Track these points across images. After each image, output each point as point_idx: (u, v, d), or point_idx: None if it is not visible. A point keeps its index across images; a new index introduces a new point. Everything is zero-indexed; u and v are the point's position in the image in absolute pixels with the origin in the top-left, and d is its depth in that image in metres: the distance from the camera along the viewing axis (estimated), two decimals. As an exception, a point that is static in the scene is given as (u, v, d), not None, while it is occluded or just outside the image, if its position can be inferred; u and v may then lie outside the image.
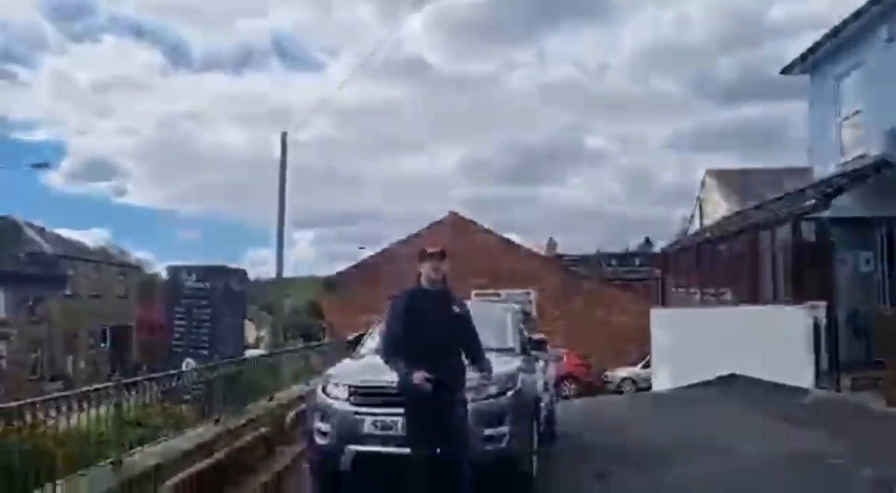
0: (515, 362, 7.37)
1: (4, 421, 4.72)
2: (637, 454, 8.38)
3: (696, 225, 31.18)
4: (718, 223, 20.51)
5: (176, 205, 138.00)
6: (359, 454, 6.48)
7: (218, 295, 8.56)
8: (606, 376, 27.78)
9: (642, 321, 23.75)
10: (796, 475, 7.00)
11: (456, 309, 5.67)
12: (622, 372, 27.58)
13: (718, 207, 28.92)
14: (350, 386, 6.78)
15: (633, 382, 26.23)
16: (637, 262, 62.85)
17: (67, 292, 43.65)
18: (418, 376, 5.29)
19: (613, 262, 65.99)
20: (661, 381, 19.84)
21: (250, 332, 57.98)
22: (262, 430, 8.09)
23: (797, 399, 11.35)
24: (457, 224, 31.53)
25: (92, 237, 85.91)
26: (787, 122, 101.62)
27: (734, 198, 27.79)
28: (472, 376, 6.35)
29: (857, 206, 12.36)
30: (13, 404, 5.31)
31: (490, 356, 7.20)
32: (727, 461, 7.79)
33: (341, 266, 37.72)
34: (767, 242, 13.82)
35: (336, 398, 6.78)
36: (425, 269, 5.65)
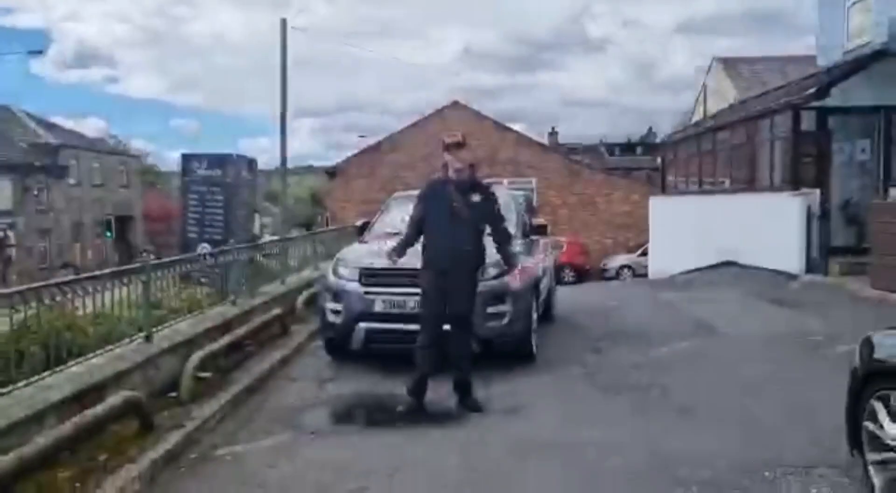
0: (517, 246, 7.74)
1: (37, 300, 5.07)
2: (627, 333, 8.88)
3: (700, 114, 31.01)
4: (720, 112, 20.48)
5: (171, 95, 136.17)
6: (369, 330, 6.95)
7: (230, 183, 8.82)
8: (605, 264, 28.40)
9: (642, 210, 24.14)
10: (776, 351, 7.48)
11: (476, 198, 5.92)
12: (621, 260, 28.18)
13: (724, 96, 28.68)
14: (361, 268, 7.18)
15: (631, 269, 26.84)
16: (640, 151, 62.89)
17: (71, 181, 43.83)
18: (388, 252, 6.02)
19: (616, 151, 65.94)
20: (658, 268, 20.35)
21: (255, 221, 58.82)
22: (276, 311, 8.54)
23: (787, 284, 11.83)
24: (458, 113, 31.34)
25: (89, 127, 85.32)
26: (798, 7, 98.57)
27: (741, 86, 27.51)
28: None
29: (857, 95, 12.42)
30: (46, 283, 5.66)
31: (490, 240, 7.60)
32: (712, 339, 8.30)
33: (343, 156, 37.80)
34: (766, 131, 13.95)
35: (347, 280, 7.20)
36: (447, 159, 5.92)
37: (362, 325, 6.99)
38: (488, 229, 6.10)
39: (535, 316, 7.61)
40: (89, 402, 4.85)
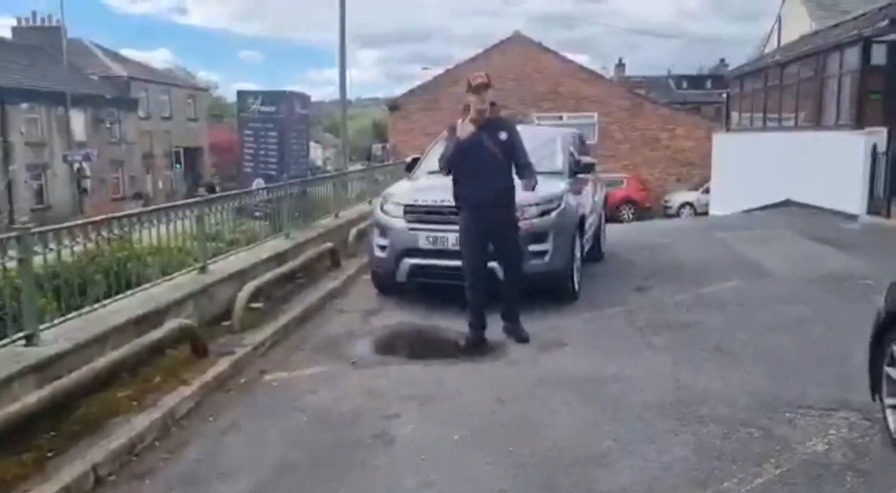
0: (562, 185, 7.78)
1: (97, 233, 5.40)
2: (676, 271, 8.91)
3: (774, 45, 29.73)
4: (789, 45, 19.68)
5: (238, 24, 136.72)
6: (413, 265, 7.17)
7: (283, 119, 9.02)
8: (666, 201, 27.99)
9: (707, 146, 23.62)
10: (822, 293, 7.43)
11: (503, 136, 6.02)
12: (682, 197, 27.73)
13: (799, 26, 27.37)
14: (405, 205, 7.36)
15: (693, 207, 26.43)
16: (709, 84, 60.77)
17: (141, 114, 44.94)
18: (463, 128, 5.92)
19: (685, 84, 63.86)
20: (718, 206, 20.05)
21: (317, 153, 59.43)
22: (328, 244, 8.82)
23: (846, 224, 11.56)
24: (520, 45, 30.80)
25: (157, 59, 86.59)
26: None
27: (817, 14, 26.20)
28: (521, 198, 6.84)
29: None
30: (106, 216, 6.01)
31: (539, 179, 7.69)
32: (760, 279, 8.25)
33: (406, 88, 37.66)
34: (834, 65, 13.41)
35: (393, 216, 7.39)
36: (471, 99, 5.97)
37: (407, 260, 7.20)
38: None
39: (578, 254, 7.69)
40: (147, 328, 5.21)
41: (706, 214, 22.41)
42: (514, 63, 30.35)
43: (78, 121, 39.32)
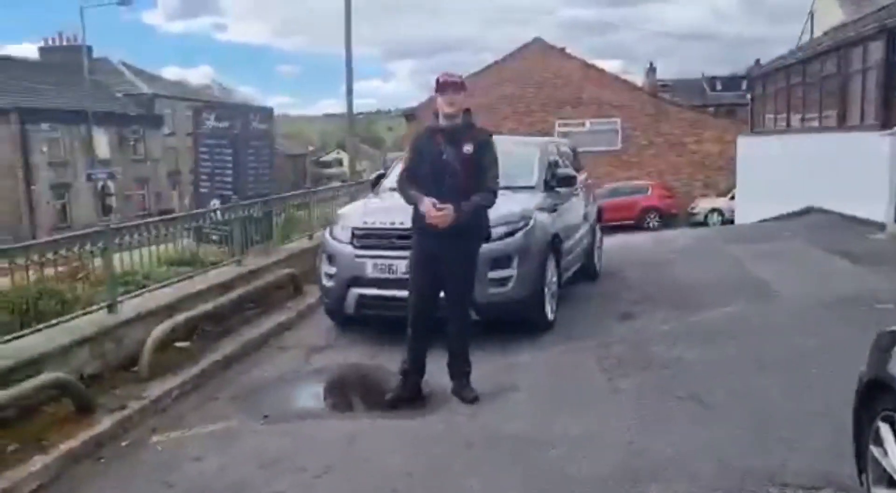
0: (534, 200, 6.95)
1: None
2: (673, 293, 7.99)
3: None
4: (813, 41, 18.54)
5: (275, 40, 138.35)
6: (361, 296, 6.37)
7: (237, 135, 8.32)
8: (693, 208, 26.80)
9: (735, 150, 22.46)
10: (831, 321, 6.44)
11: (468, 149, 5.07)
12: (710, 203, 26.49)
13: (831, 20, 26.05)
14: (353, 228, 6.58)
15: (721, 213, 25.20)
16: (744, 85, 59.03)
17: (166, 130, 44.98)
18: (428, 203, 4.82)
19: (719, 86, 62.05)
20: (744, 213, 18.98)
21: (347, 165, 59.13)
22: (288, 270, 8.08)
23: (870, 234, 10.49)
24: (541, 51, 29.93)
25: (198, 75, 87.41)
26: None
27: (849, 9, 24.88)
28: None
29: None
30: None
31: (506, 194, 6.82)
32: (765, 303, 7.29)
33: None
34: (857, 60, 12.33)
35: (340, 241, 6.61)
36: (439, 102, 5.00)
37: (354, 290, 6.41)
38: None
39: (552, 279, 6.83)
40: (19, 381, 4.50)
41: (734, 221, 21.30)
42: (535, 69, 29.51)
43: (102, 139, 39.40)
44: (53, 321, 5.24)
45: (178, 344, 6.12)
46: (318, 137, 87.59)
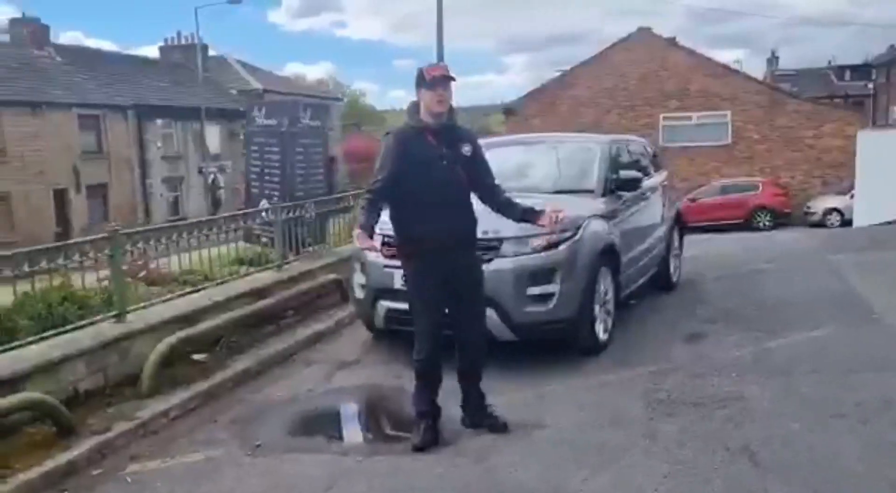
0: (589, 207, 6.24)
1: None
2: (754, 310, 7.09)
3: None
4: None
5: (393, 35, 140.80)
6: (389, 310, 5.85)
7: (285, 132, 7.95)
8: (809, 207, 24.83)
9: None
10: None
11: (466, 149, 4.49)
12: (828, 202, 24.43)
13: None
14: (385, 235, 6.05)
15: (840, 213, 23.18)
16: (875, 74, 54.85)
17: (274, 125, 45.98)
18: (360, 236, 4.27)
19: (848, 75, 57.78)
20: (863, 215, 17.33)
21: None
22: (333, 276, 7.66)
23: None
24: (645, 41, 28.53)
25: (319, 71, 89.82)
26: None
27: None
28: (511, 225, 5.45)
29: None
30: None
31: (557, 200, 6.19)
32: (861, 327, 6.29)
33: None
34: None
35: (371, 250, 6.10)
36: (426, 98, 4.33)
37: (383, 303, 5.90)
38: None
39: (606, 294, 6.09)
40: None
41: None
42: (639, 61, 28.17)
43: (213, 134, 40.71)
44: (49, 333, 4.97)
45: (196, 356, 5.79)
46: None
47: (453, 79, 4.40)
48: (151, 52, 45.98)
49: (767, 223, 24.25)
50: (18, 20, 34.02)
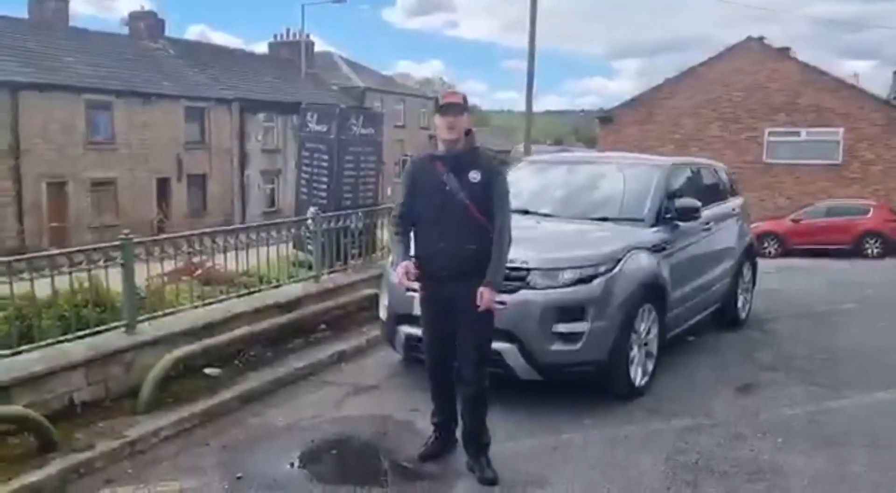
0: (635, 237, 5.74)
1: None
2: (822, 360, 6.44)
3: None
4: None
5: (503, 35, 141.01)
6: (409, 336, 5.52)
7: (333, 140, 7.74)
8: (924, 235, 22.91)
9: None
10: None
11: (475, 176, 4.17)
12: (947, 231, 22.48)
13: None
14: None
15: (961, 243, 21.30)
16: None
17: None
18: (400, 271, 4.20)
19: None
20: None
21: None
22: (370, 291, 7.39)
23: None
24: (753, 51, 27.09)
25: (428, 69, 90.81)
26: None
27: None
28: (542, 253, 5.10)
29: None
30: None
31: (599, 227, 5.79)
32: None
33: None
34: None
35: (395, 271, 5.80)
36: (438, 124, 4.19)
37: (403, 328, 5.57)
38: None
39: (648, 334, 5.56)
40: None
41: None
42: (745, 71, 26.77)
43: (312, 129, 41.50)
44: (48, 341, 4.88)
45: (208, 371, 5.62)
46: (537, 134, 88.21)
47: (463, 106, 4.13)
48: (264, 48, 47.05)
49: (877, 250, 22.55)
50: (137, 13, 35.59)
